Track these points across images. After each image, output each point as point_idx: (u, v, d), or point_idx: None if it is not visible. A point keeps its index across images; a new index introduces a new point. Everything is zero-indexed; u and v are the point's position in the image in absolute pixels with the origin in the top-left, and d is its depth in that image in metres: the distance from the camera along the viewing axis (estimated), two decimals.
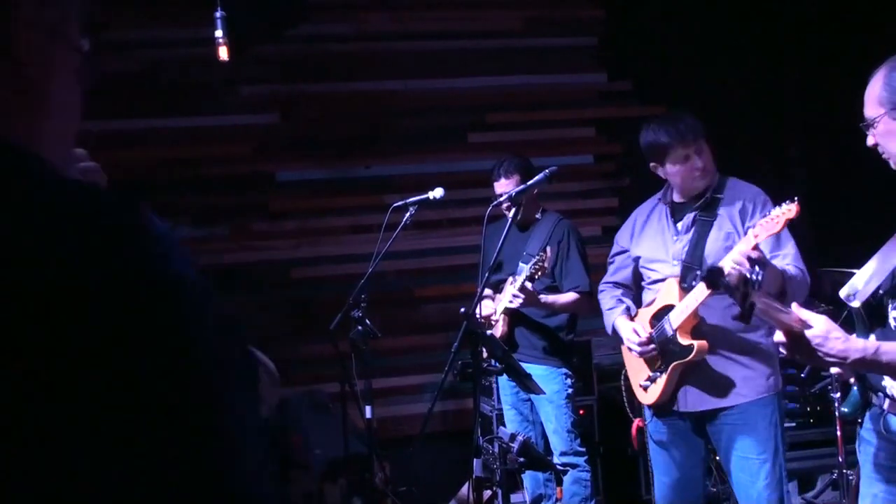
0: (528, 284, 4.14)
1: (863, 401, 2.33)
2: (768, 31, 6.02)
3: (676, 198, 3.42)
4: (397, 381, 5.60)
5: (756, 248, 2.95)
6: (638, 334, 3.36)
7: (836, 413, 4.36)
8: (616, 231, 5.99)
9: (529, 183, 3.64)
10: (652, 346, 3.34)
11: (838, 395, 4.37)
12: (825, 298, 4.77)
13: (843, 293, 2.25)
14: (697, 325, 3.23)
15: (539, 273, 4.12)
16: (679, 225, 3.37)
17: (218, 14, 4.37)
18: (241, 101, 5.54)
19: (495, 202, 3.45)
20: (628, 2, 6.01)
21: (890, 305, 2.20)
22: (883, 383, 2.22)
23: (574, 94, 6.04)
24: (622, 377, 3.62)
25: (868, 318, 2.24)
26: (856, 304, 2.24)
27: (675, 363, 3.25)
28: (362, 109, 5.71)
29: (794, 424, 4.95)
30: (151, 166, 5.35)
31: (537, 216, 4.47)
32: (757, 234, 2.96)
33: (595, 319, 5.23)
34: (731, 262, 2.95)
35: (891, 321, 2.19)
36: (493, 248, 4.03)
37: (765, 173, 5.62)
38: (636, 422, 3.51)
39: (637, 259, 3.53)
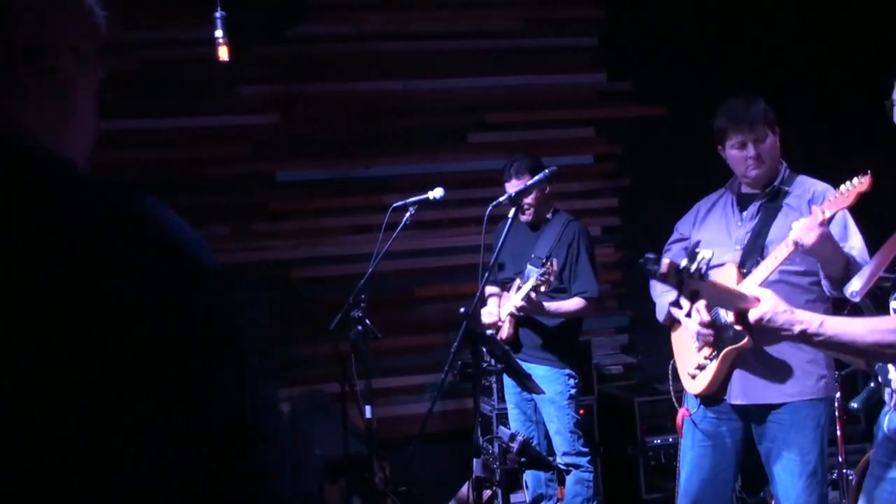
0: (533, 295, 4.14)
1: (875, 398, 2.35)
2: (768, 30, 6.02)
3: (744, 188, 3.40)
4: (397, 381, 5.60)
5: (823, 223, 2.88)
6: (699, 313, 3.25)
7: (837, 412, 4.36)
8: (616, 231, 6.05)
9: (529, 184, 3.64)
10: (710, 331, 3.22)
11: (838, 395, 4.37)
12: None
13: (847, 290, 2.27)
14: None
15: (545, 286, 4.13)
16: (744, 213, 3.35)
17: (218, 14, 4.38)
18: (240, 101, 5.54)
19: (495, 202, 3.44)
20: (628, 2, 6.00)
21: (891, 297, 2.22)
22: (889, 377, 2.24)
23: (574, 94, 6.03)
24: (670, 366, 3.55)
25: (876, 310, 2.26)
26: (857, 299, 2.26)
27: (727, 349, 3.17)
28: (362, 109, 5.71)
29: None
30: (151, 166, 5.35)
31: (548, 216, 4.48)
32: (824, 209, 2.89)
33: (595, 320, 5.26)
34: (794, 235, 2.91)
35: (891, 312, 2.21)
36: (505, 247, 4.04)
37: None
38: (681, 411, 3.45)
39: (696, 244, 3.47)
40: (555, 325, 4.39)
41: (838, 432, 4.33)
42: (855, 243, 3.11)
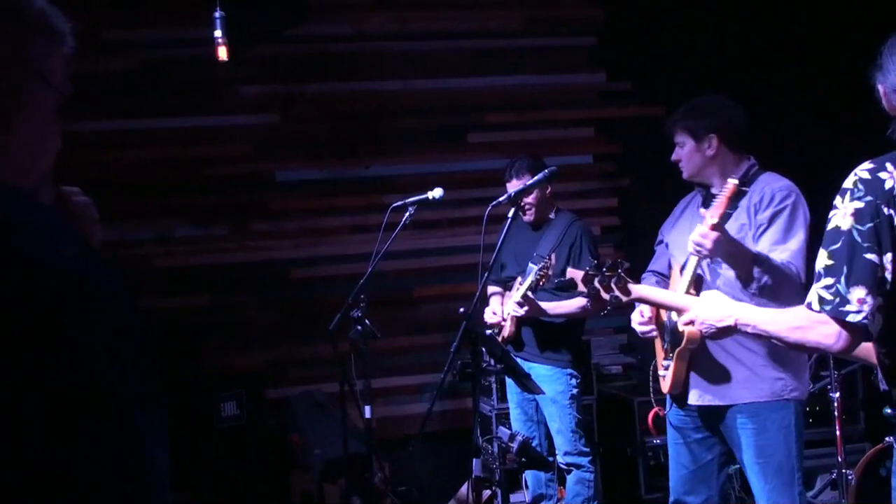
0: (530, 294, 4.15)
1: None
2: (768, 30, 6.02)
3: (713, 188, 3.38)
4: (397, 381, 5.61)
5: (716, 227, 2.93)
6: (642, 315, 3.33)
7: (837, 412, 4.36)
8: (615, 231, 6.05)
9: (528, 184, 3.65)
10: (650, 327, 3.30)
11: (837, 394, 4.38)
12: None
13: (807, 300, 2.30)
14: None
15: (543, 280, 4.13)
16: (698, 214, 3.35)
17: (218, 14, 4.38)
18: (240, 101, 5.54)
19: (495, 202, 3.45)
20: (628, 2, 6.01)
21: None
22: None
23: (574, 94, 6.04)
24: (651, 367, 3.59)
25: None
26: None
27: (677, 350, 3.22)
28: (362, 109, 5.71)
29: None
30: (151, 166, 5.35)
31: (551, 216, 4.48)
32: (711, 213, 2.96)
33: (595, 320, 5.26)
34: (691, 242, 2.98)
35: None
36: (507, 246, 4.03)
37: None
38: (653, 410, 3.49)
39: (667, 246, 3.52)
40: (557, 324, 4.38)
41: (837, 432, 4.33)
42: (791, 245, 3.10)
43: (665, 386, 3.35)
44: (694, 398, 3.30)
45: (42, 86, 1.07)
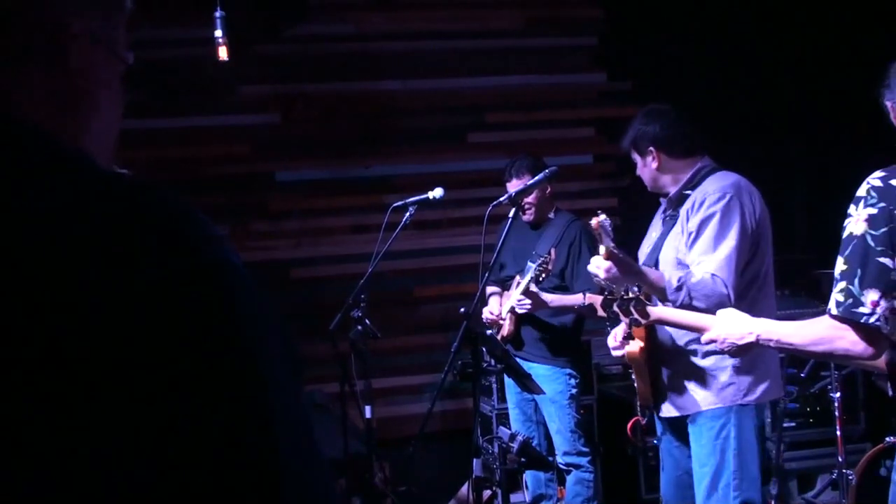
0: (533, 287, 4.14)
1: None
2: (768, 30, 6.02)
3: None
4: (397, 381, 5.60)
5: (608, 257, 2.95)
6: (616, 339, 3.32)
7: (837, 412, 4.36)
8: (616, 231, 6.01)
9: (528, 184, 3.66)
10: (624, 350, 3.29)
11: (838, 394, 4.37)
12: (825, 299, 4.78)
13: None
14: (649, 332, 3.18)
15: (543, 275, 4.13)
16: (659, 222, 3.38)
17: (218, 14, 4.38)
18: (240, 101, 5.54)
19: (495, 202, 3.45)
20: (628, 2, 6.01)
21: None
22: None
23: (574, 94, 6.04)
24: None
25: None
26: None
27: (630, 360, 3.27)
28: (362, 109, 5.71)
29: (794, 424, 4.94)
30: (151, 166, 5.35)
31: (550, 216, 4.48)
32: (602, 245, 3.00)
33: (596, 320, 5.26)
34: (589, 271, 3.05)
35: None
36: (507, 246, 4.04)
37: (764, 175, 5.62)
38: (635, 418, 3.52)
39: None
40: (556, 323, 4.38)
41: (838, 432, 4.33)
42: (719, 255, 3.04)
43: (640, 399, 3.40)
44: (662, 410, 3.32)
45: (113, 57, 1.03)
